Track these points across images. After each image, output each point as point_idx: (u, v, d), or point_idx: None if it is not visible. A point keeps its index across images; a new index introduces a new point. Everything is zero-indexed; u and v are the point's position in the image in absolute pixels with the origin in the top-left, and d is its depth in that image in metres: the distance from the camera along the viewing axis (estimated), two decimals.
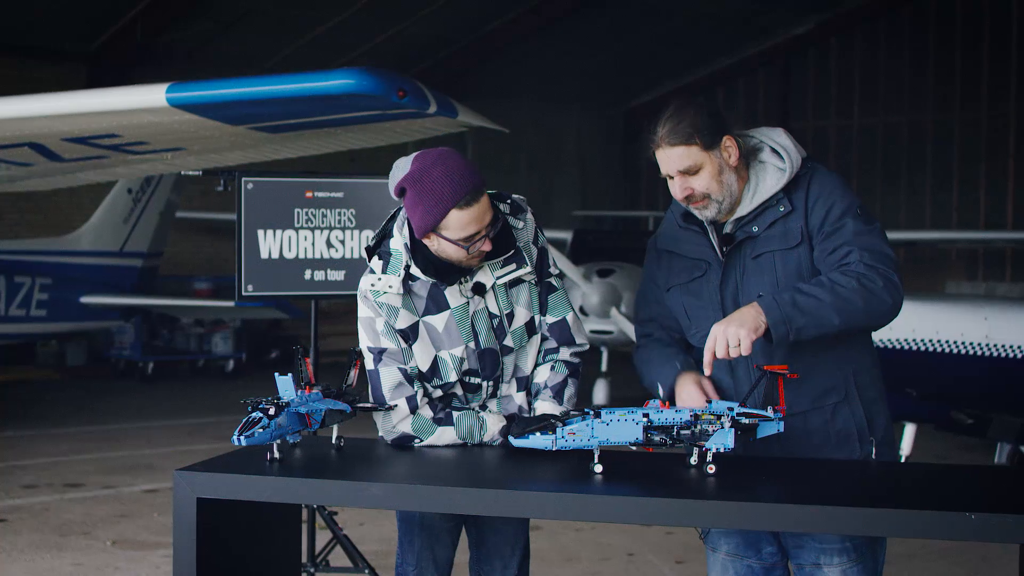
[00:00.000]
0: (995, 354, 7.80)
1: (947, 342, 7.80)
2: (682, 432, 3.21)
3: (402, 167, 3.47)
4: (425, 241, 3.48)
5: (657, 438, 3.22)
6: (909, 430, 7.92)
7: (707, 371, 3.30)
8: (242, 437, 3.15)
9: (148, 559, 6.87)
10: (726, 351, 3.20)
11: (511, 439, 3.35)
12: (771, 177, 3.47)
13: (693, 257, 3.54)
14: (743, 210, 3.47)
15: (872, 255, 3.35)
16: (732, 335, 3.18)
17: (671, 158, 3.41)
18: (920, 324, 7.70)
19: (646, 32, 20.00)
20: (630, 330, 12.01)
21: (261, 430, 3.19)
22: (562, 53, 20.24)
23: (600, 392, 13.17)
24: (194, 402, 13.75)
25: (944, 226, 19.89)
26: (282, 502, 3.31)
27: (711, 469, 3.20)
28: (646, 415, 3.22)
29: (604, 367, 13.31)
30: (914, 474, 3.77)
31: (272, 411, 3.21)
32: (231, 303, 12.30)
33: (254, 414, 3.20)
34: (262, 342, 17.20)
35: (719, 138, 3.42)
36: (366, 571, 5.80)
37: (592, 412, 3.23)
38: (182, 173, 7.24)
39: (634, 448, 3.30)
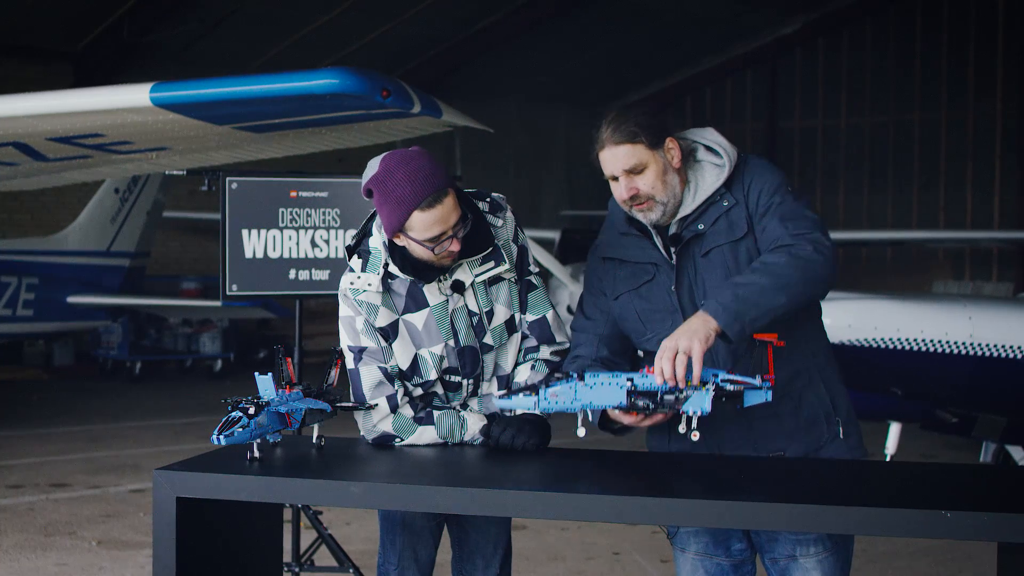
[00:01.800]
0: (980, 353, 7.82)
1: (932, 341, 7.82)
2: (666, 397, 3.19)
3: (372, 167, 3.48)
4: (396, 240, 3.49)
5: (641, 403, 3.19)
6: (894, 429, 7.93)
7: (658, 382, 3.22)
8: (221, 436, 3.15)
9: (133, 559, 6.86)
10: (672, 366, 3.14)
11: (495, 400, 3.36)
12: (710, 175, 3.48)
13: (640, 261, 3.52)
14: (686, 210, 3.46)
15: (795, 223, 3.35)
16: (684, 347, 3.14)
17: (616, 157, 3.42)
18: (905, 323, 7.71)
19: (634, 32, 20.03)
20: None
21: (241, 429, 3.18)
22: (549, 52, 20.26)
23: None
24: (181, 402, 13.74)
25: (931, 226, 19.96)
26: (261, 501, 3.30)
27: (695, 436, 3.18)
28: (630, 379, 3.19)
29: None
30: (894, 472, 3.78)
31: (252, 410, 3.21)
32: (218, 303, 12.30)
33: (234, 413, 3.20)
34: (250, 342, 17.20)
35: (662, 139, 3.43)
36: (351, 571, 5.80)
37: (576, 375, 3.21)
38: (166, 173, 7.23)
39: (618, 412, 3.27)
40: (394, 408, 3.58)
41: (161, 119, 5.75)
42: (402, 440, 3.60)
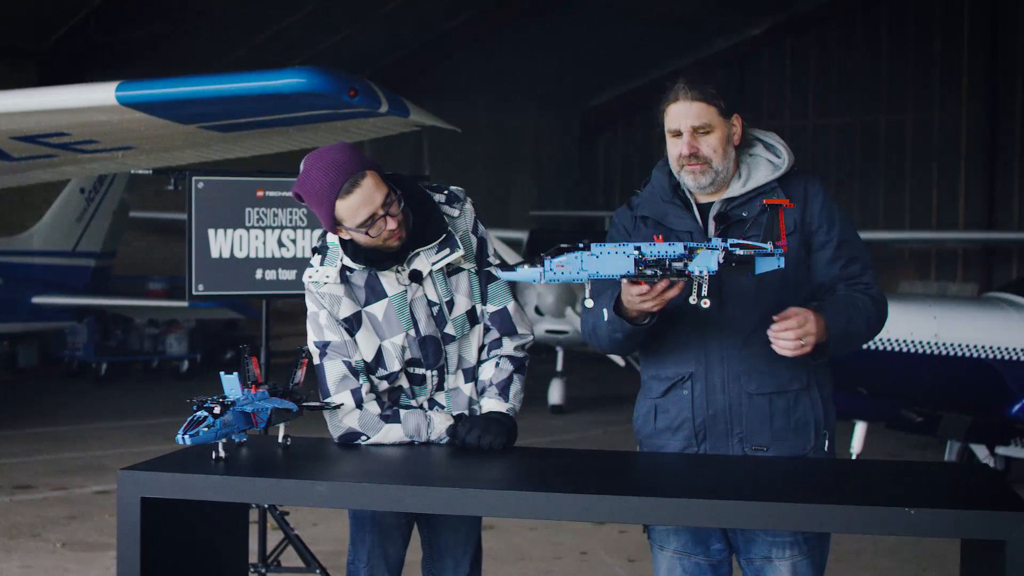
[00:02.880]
0: (944, 353, 7.87)
1: (897, 341, 7.87)
2: (674, 264, 3.13)
3: None
4: (340, 235, 3.56)
5: (649, 272, 3.14)
6: (860, 428, 7.98)
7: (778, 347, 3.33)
8: (187, 436, 3.14)
9: (98, 561, 6.82)
10: (796, 340, 3.27)
11: (499, 272, 3.34)
12: (764, 168, 3.54)
13: (675, 228, 3.54)
14: (733, 193, 3.52)
15: (873, 275, 3.55)
16: (808, 338, 3.29)
17: (689, 111, 3.45)
18: None
19: (602, 33, 20.07)
20: None
21: (206, 429, 3.17)
22: (519, 54, 20.27)
23: (556, 391, 13.19)
24: (147, 403, 13.64)
25: (897, 226, 20.06)
26: (227, 501, 3.29)
27: (705, 303, 3.13)
28: (638, 248, 3.14)
29: (560, 366, 13.33)
30: (860, 470, 3.81)
31: (217, 410, 3.20)
32: (185, 303, 12.24)
33: (199, 413, 3.19)
34: (217, 343, 17.11)
35: (732, 112, 3.49)
36: (318, 571, 5.78)
37: (582, 245, 3.14)
38: (133, 172, 7.19)
39: (625, 281, 3.20)
40: (359, 402, 3.60)
41: (127, 118, 5.71)
42: (368, 438, 3.61)
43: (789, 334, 3.27)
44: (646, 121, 22.85)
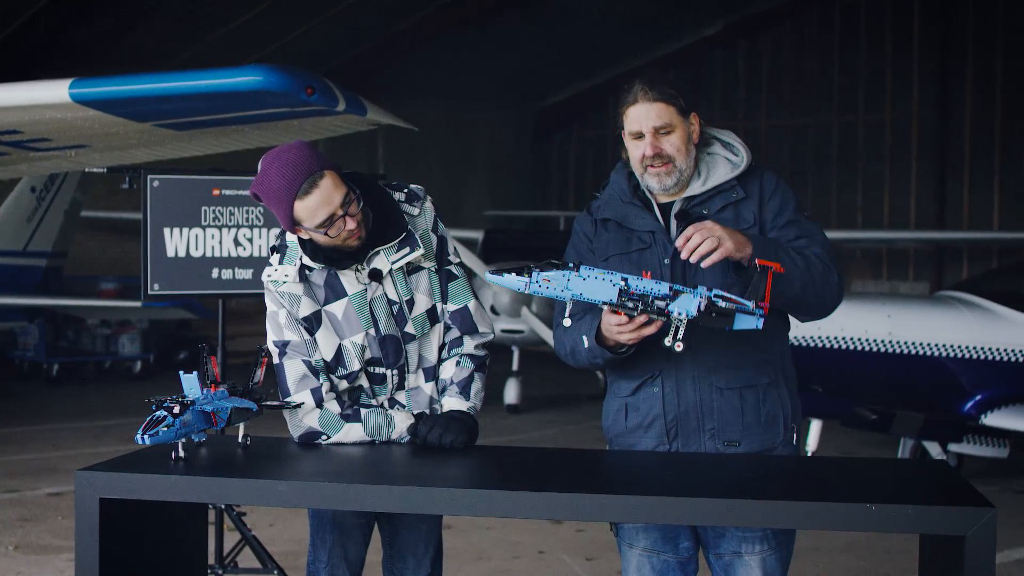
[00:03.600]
0: (898, 351, 7.95)
1: (851, 339, 7.94)
2: (656, 303, 3.17)
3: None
4: (299, 235, 3.54)
5: (631, 304, 3.18)
6: (815, 426, 8.05)
7: (680, 244, 3.29)
8: (146, 436, 3.11)
9: (52, 563, 6.75)
10: (700, 239, 3.23)
11: (486, 275, 3.34)
12: (722, 167, 3.56)
13: (638, 229, 3.56)
14: (693, 191, 3.54)
15: (827, 252, 3.51)
16: (719, 234, 3.24)
17: (649, 113, 3.46)
18: (825, 322, 7.81)
19: (557, 32, 20.10)
20: (541, 329, 12.03)
21: (165, 428, 3.15)
22: (473, 52, 20.26)
23: (511, 391, 13.18)
24: (100, 404, 13.52)
25: (849, 226, 20.19)
26: (187, 501, 3.26)
27: (679, 347, 3.17)
28: (624, 279, 3.18)
29: (515, 366, 13.32)
30: (819, 467, 3.84)
31: (177, 409, 3.17)
32: (138, 303, 12.13)
33: (158, 412, 3.16)
34: (171, 343, 16.96)
35: (690, 110, 3.51)
36: (275, 572, 5.75)
37: (572, 264, 3.20)
38: (87, 170, 7.11)
39: (605, 308, 3.24)
40: (319, 402, 3.58)
41: (81, 116, 5.66)
42: (329, 437, 3.59)
43: (696, 239, 3.24)
44: (600, 121, 22.95)
